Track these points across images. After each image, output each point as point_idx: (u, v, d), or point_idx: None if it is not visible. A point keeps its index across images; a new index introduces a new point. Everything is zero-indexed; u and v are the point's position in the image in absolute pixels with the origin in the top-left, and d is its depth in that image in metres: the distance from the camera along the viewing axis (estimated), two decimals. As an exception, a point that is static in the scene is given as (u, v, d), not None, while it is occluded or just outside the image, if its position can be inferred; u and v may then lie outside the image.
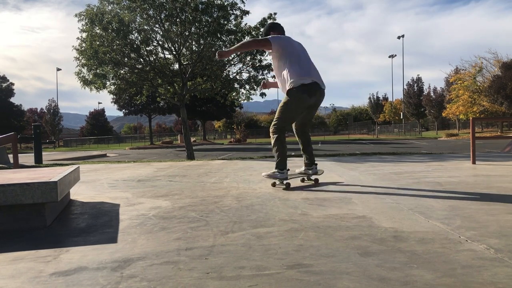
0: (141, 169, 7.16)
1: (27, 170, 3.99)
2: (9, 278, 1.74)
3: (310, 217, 2.73)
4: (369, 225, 2.46)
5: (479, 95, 40.29)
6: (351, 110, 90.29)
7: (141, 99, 17.03)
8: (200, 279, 1.65)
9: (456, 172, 5.20)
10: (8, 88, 58.90)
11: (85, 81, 13.21)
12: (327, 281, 1.59)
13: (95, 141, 61.96)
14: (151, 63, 13.79)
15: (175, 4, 12.64)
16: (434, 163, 6.69)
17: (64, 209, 3.27)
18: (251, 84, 14.70)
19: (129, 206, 3.35)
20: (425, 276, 1.62)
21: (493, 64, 41.28)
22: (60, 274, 1.77)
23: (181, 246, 2.13)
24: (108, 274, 1.74)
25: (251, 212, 2.97)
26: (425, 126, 68.52)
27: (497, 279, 1.56)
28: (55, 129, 62.77)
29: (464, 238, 2.13)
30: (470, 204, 3.04)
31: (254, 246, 2.09)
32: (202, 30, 13.11)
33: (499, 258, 1.80)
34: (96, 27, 12.59)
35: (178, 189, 4.29)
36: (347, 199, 3.41)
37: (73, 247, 2.19)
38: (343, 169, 5.88)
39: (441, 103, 52.33)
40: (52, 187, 2.55)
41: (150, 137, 51.06)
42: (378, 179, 4.69)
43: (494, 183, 4.17)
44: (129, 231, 2.51)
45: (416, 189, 3.85)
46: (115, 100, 45.26)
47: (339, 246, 2.05)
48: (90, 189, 4.53)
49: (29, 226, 2.61)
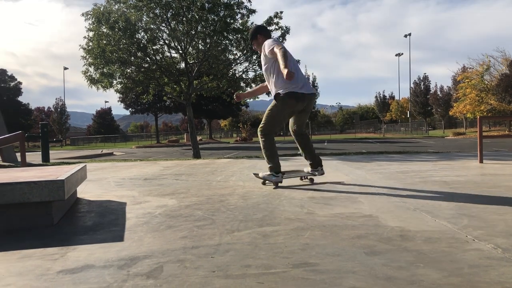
0: (148, 167, 7.18)
1: (34, 169, 4.02)
2: (17, 275, 1.76)
3: (316, 216, 2.73)
4: (375, 224, 2.46)
5: (486, 93, 39.97)
6: (358, 109, 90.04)
7: (148, 98, 17.11)
8: (206, 277, 1.65)
9: (463, 171, 5.16)
10: (16, 87, 59.35)
11: (92, 80, 13.28)
12: (333, 280, 1.59)
13: (102, 140, 62.26)
14: (157, 62, 13.83)
15: (181, 3, 12.66)
16: (441, 162, 6.66)
17: (71, 208, 3.29)
18: (257, 82, 14.69)
19: (136, 205, 3.37)
20: (432, 275, 1.61)
21: (500, 63, 40.97)
22: (67, 272, 1.78)
23: (187, 245, 2.13)
24: (114, 272, 1.75)
25: (257, 210, 2.98)
26: (432, 125, 68.13)
27: (505, 279, 1.55)
28: (62, 128, 63.09)
29: (471, 238, 2.11)
30: (477, 203, 3.02)
31: (260, 245, 2.09)
32: (208, 29, 13.12)
33: (507, 258, 1.79)
34: (102, 26, 12.64)
35: (184, 188, 4.30)
36: (353, 198, 3.40)
37: (80, 245, 2.21)
38: (349, 168, 5.86)
39: (448, 101, 52.01)
40: (59, 185, 2.56)
41: (156, 136, 51.20)
42: (384, 178, 4.67)
43: (502, 182, 4.14)
44: (136, 229, 2.52)
45: (423, 188, 3.83)
46: (121, 99, 45.44)
47: (345, 245, 2.05)
48: (97, 187, 4.55)
49: (36, 224, 2.63)
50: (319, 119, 72.89)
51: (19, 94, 60.14)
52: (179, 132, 77.18)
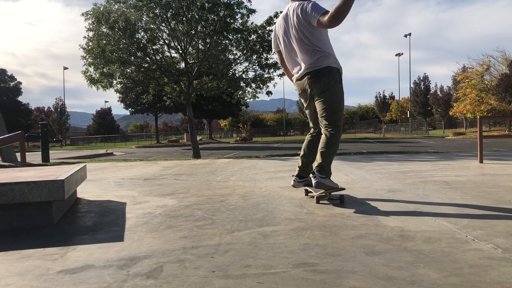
0: (148, 167, 7.18)
1: (34, 169, 4.02)
2: (17, 275, 1.76)
3: (316, 216, 2.73)
4: (375, 224, 2.46)
5: (486, 93, 40.00)
6: (358, 109, 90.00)
7: (148, 98, 17.10)
8: (206, 277, 1.65)
9: (463, 171, 5.16)
10: (16, 87, 59.38)
11: (92, 79, 13.28)
12: (333, 280, 1.59)
13: (102, 140, 62.26)
14: (157, 62, 13.83)
15: (181, 2, 12.65)
16: (441, 162, 6.66)
17: (71, 208, 3.29)
18: (257, 82, 14.71)
19: (136, 205, 3.36)
20: (432, 275, 1.61)
21: (501, 63, 41.00)
22: (67, 272, 1.78)
23: (187, 245, 2.13)
24: (114, 272, 1.75)
25: (257, 210, 2.98)
26: (432, 125, 68.16)
27: (505, 279, 1.55)
28: (62, 128, 63.13)
29: (471, 238, 2.11)
30: (477, 204, 3.02)
31: (260, 245, 2.09)
32: (208, 28, 13.12)
33: (507, 258, 1.79)
34: (102, 26, 12.64)
35: (184, 188, 4.30)
36: (353, 198, 3.39)
37: (80, 245, 2.21)
38: (349, 168, 5.86)
39: (448, 101, 52.04)
40: (59, 185, 2.56)
41: (156, 136, 51.22)
42: (384, 178, 4.67)
43: (502, 182, 4.14)
44: (136, 229, 2.52)
45: (423, 188, 3.83)
46: (121, 98, 45.48)
47: (345, 245, 2.05)
48: (96, 187, 4.55)
49: (36, 224, 2.63)
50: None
51: (19, 94, 60.17)
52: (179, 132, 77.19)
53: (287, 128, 74.60)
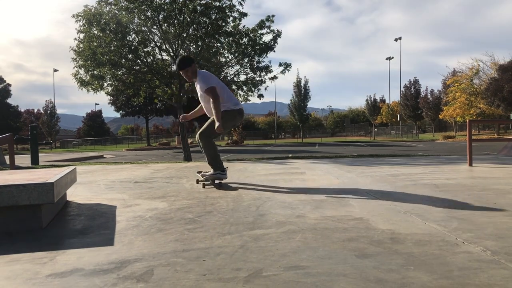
0: (138, 170, 7.15)
1: (23, 171, 3.98)
2: (5, 279, 1.74)
3: (307, 219, 2.73)
4: (366, 227, 2.46)
5: (476, 97, 40.42)
6: (349, 112, 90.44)
7: (139, 100, 17.01)
8: (197, 280, 1.65)
9: (453, 174, 5.21)
10: (4, 89, 58.75)
11: (82, 82, 13.18)
12: (324, 283, 1.59)
13: (92, 142, 61.80)
14: (148, 64, 13.77)
15: (173, 5, 12.63)
16: (431, 165, 6.71)
17: (61, 211, 3.26)
18: (248, 85, 14.70)
19: (126, 208, 3.34)
20: (422, 278, 1.62)
21: (489, 67, 41.46)
22: (56, 275, 1.76)
23: (178, 248, 2.12)
24: (104, 276, 1.73)
25: (248, 213, 2.97)
26: (422, 128, 68.63)
27: (494, 281, 1.56)
28: (52, 130, 62.55)
29: (461, 240, 2.13)
30: (466, 206, 3.05)
31: (251, 248, 2.09)
32: (200, 31, 13.11)
33: (496, 260, 1.80)
34: (93, 28, 12.56)
35: (175, 191, 4.28)
36: (344, 201, 3.41)
37: (69, 249, 2.19)
38: (340, 171, 5.88)
39: (438, 105, 52.49)
40: (48, 188, 2.54)
41: (147, 139, 50.95)
42: (375, 181, 4.69)
43: (491, 185, 4.18)
44: (126, 232, 2.50)
45: (413, 191, 3.86)
46: (112, 101, 45.19)
47: (336, 248, 2.05)
48: (86, 190, 4.51)
49: (25, 227, 2.60)
50: (310, 122, 73.11)
51: (8, 96, 59.55)
52: (170, 135, 76.84)
53: (278, 131, 74.67)
